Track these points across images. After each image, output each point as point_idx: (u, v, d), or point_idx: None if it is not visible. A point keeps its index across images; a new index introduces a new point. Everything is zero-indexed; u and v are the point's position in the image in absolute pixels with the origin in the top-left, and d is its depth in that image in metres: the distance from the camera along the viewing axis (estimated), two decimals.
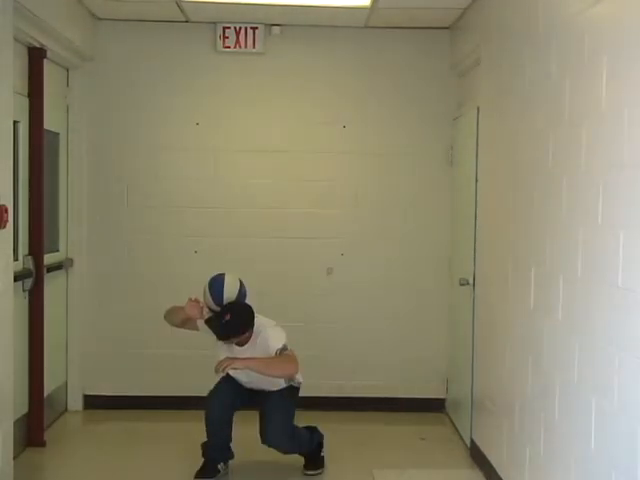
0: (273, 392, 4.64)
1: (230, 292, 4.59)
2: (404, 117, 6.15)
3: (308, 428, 4.87)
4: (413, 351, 6.18)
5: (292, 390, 4.71)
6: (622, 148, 2.90)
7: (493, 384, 4.67)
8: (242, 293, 4.66)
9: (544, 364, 3.71)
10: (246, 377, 4.60)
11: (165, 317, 4.76)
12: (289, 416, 4.66)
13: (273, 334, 4.52)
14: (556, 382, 3.52)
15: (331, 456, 4.96)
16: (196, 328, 4.70)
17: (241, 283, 4.68)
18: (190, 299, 4.65)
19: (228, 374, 4.53)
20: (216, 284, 4.61)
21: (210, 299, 4.58)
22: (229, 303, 4.55)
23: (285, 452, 4.68)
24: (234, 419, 4.68)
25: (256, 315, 4.60)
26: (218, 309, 4.54)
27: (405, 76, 6.15)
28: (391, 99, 6.15)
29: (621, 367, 2.87)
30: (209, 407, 4.63)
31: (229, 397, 4.65)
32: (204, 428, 4.63)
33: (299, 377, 4.73)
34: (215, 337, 4.52)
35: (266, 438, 4.54)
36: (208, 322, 4.54)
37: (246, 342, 4.54)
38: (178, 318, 4.69)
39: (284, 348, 4.46)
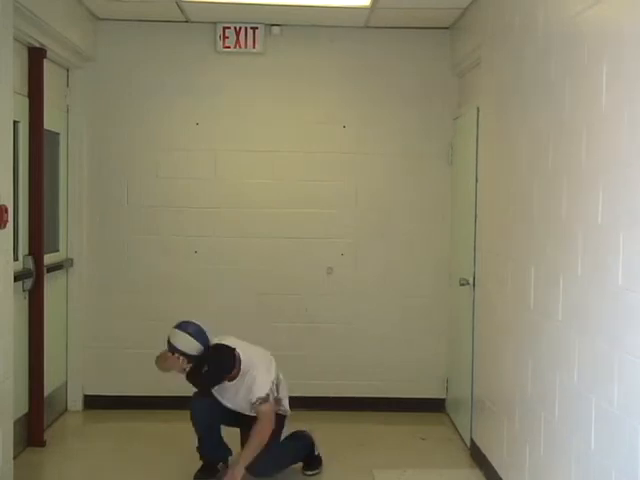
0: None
1: (188, 345, 4.46)
2: (404, 117, 6.15)
3: (294, 436, 4.81)
4: (413, 351, 6.18)
5: (278, 418, 4.63)
6: (622, 148, 2.90)
7: (493, 384, 4.67)
8: (200, 338, 4.48)
9: (544, 364, 3.71)
10: (231, 403, 4.61)
11: (155, 363, 4.66)
12: (277, 450, 4.62)
13: (260, 379, 4.49)
14: (556, 382, 3.52)
15: (331, 456, 4.96)
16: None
17: (193, 330, 4.49)
18: (157, 357, 4.59)
19: (211, 393, 4.54)
20: (173, 345, 4.48)
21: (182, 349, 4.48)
22: (200, 355, 4.45)
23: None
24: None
25: (246, 345, 4.56)
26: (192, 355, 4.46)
27: (405, 76, 6.15)
28: (391, 99, 6.15)
29: (621, 367, 2.87)
30: (194, 409, 4.61)
31: (212, 397, 4.63)
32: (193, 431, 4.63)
33: (286, 405, 4.72)
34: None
35: (255, 472, 4.51)
36: (189, 379, 4.50)
37: (235, 377, 4.52)
38: (164, 368, 4.62)
39: (265, 398, 4.46)
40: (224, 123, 6.12)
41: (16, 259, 4.80)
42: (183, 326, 4.53)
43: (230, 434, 4.75)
